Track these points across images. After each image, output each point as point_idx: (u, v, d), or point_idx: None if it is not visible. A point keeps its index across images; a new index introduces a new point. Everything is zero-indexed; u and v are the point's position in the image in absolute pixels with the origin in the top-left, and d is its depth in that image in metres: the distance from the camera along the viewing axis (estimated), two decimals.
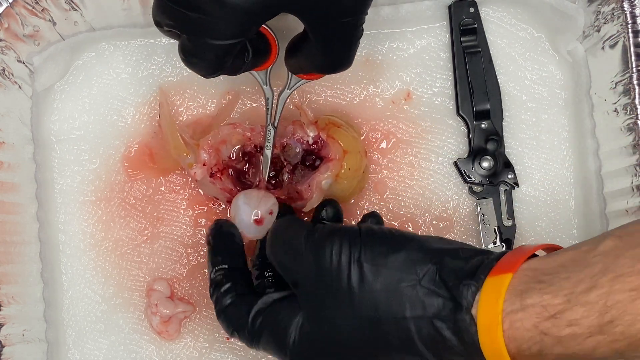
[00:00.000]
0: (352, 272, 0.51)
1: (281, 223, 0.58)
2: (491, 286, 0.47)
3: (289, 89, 0.64)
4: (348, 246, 0.51)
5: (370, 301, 0.50)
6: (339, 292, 0.51)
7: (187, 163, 0.66)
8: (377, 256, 0.51)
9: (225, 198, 0.66)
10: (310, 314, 0.53)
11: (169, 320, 0.68)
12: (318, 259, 0.52)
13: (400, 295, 0.49)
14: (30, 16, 0.64)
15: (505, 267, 0.47)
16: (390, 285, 0.50)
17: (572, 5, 0.67)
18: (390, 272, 0.50)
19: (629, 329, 0.43)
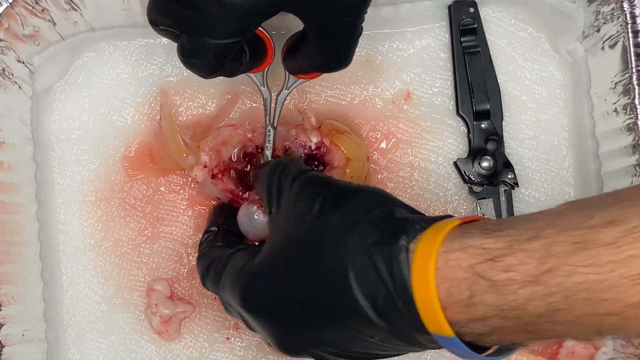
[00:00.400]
0: (316, 203, 0.51)
1: (293, 158, 0.60)
2: (435, 227, 0.46)
3: (287, 89, 0.64)
4: (322, 187, 0.52)
5: (324, 229, 0.49)
6: (304, 218, 0.51)
7: (187, 164, 0.66)
8: (342, 192, 0.51)
9: (227, 199, 0.66)
10: (274, 238, 0.53)
11: (169, 320, 0.68)
12: (298, 193, 0.53)
13: (349, 227, 0.48)
14: (30, 16, 0.64)
15: (453, 219, 0.47)
16: (344, 217, 0.49)
17: (572, 5, 0.67)
18: (349, 206, 0.50)
19: (566, 280, 0.41)
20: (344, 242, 0.48)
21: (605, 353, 0.67)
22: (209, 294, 0.69)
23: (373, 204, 0.50)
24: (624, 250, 0.40)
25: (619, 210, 0.41)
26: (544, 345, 0.68)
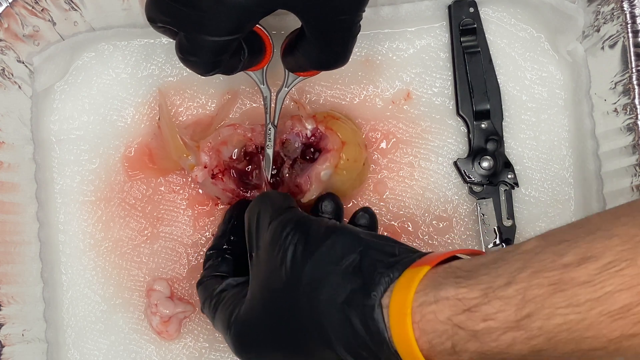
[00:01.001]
0: (288, 253, 0.52)
1: (271, 195, 0.59)
2: (406, 277, 0.46)
3: (287, 87, 0.64)
4: (296, 231, 0.52)
5: (295, 280, 0.50)
6: (277, 271, 0.52)
7: (187, 165, 0.66)
8: (312, 240, 0.51)
9: (227, 199, 0.66)
10: (255, 287, 0.54)
11: (169, 320, 0.68)
12: (273, 237, 0.53)
13: (321, 280, 0.49)
14: (30, 16, 0.64)
15: (424, 262, 0.47)
16: (315, 270, 0.50)
17: (572, 5, 0.67)
18: (319, 256, 0.50)
19: (547, 324, 0.41)
20: (317, 298, 0.49)
21: None
22: None
23: (342, 250, 0.50)
24: (600, 287, 0.40)
25: (591, 245, 0.42)
26: None
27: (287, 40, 0.60)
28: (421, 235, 0.70)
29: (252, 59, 0.60)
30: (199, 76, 0.70)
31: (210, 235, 0.69)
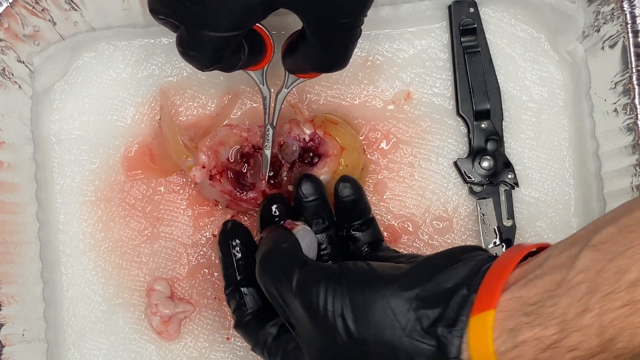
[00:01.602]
0: (339, 326, 0.50)
1: (270, 248, 0.57)
2: (476, 328, 0.46)
3: (287, 88, 0.64)
4: (332, 298, 0.51)
5: (362, 353, 0.49)
6: (334, 344, 0.50)
7: (187, 165, 0.66)
8: (359, 309, 0.50)
9: (225, 201, 0.66)
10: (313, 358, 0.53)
11: (169, 320, 0.68)
12: (308, 309, 0.51)
13: (389, 348, 0.48)
14: (30, 16, 0.64)
15: (485, 302, 0.46)
16: (377, 338, 0.49)
17: (572, 6, 0.67)
18: (375, 323, 0.49)
19: (631, 343, 0.42)
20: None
21: None
22: (209, 294, 0.69)
23: (397, 316, 0.49)
24: None
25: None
26: None
27: (288, 41, 0.60)
28: (421, 235, 0.70)
29: (252, 58, 0.60)
30: (199, 76, 0.70)
31: (210, 235, 0.69)
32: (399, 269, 0.51)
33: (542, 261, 0.47)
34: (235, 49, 0.56)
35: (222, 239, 0.62)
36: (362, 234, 0.63)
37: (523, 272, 0.47)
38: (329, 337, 0.50)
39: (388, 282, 0.50)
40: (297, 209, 0.62)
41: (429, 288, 0.49)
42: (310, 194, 0.62)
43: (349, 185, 0.63)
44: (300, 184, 0.62)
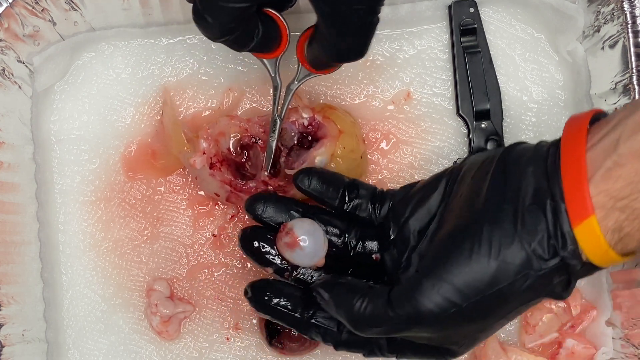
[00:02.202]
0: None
1: (353, 315, 0.55)
2: (584, 238, 0.49)
3: (298, 81, 0.63)
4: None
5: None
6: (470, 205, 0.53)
7: (187, 159, 0.66)
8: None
9: (225, 193, 0.66)
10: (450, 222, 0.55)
11: (169, 320, 0.68)
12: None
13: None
14: (30, 16, 0.64)
15: (580, 210, 0.48)
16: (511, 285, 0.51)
17: (572, 6, 0.67)
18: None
19: None
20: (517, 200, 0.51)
21: (605, 353, 0.67)
22: (209, 294, 0.69)
23: (508, 254, 0.51)
24: None
25: None
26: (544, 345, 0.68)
27: (307, 32, 0.60)
28: None
29: (265, 41, 0.59)
30: (199, 76, 0.70)
31: (210, 235, 0.69)
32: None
33: (613, 143, 0.48)
34: (249, 26, 0.55)
35: (256, 301, 0.61)
36: (361, 201, 0.62)
37: (596, 157, 0.48)
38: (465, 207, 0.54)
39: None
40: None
41: (520, 218, 0.51)
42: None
43: (314, 175, 0.62)
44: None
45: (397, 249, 0.59)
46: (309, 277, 0.62)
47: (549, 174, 0.50)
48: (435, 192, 0.58)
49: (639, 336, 0.65)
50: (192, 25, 0.69)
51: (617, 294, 0.67)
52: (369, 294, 0.54)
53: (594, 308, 0.68)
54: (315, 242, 0.60)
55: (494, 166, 0.54)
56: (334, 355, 0.69)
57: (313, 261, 0.61)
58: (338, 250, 0.62)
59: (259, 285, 0.61)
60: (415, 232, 0.58)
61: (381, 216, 0.61)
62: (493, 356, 0.67)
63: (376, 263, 0.62)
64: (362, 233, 0.62)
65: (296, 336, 0.66)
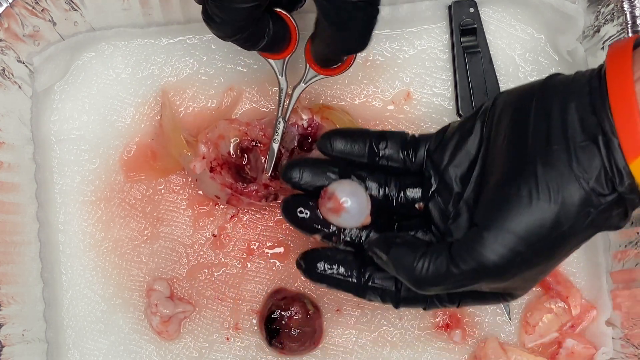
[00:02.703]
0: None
1: (402, 262, 0.54)
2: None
3: (305, 83, 0.63)
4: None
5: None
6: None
7: (187, 162, 0.66)
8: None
9: (225, 196, 0.66)
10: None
11: (169, 320, 0.68)
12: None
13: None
14: (30, 16, 0.64)
15: (636, 145, 0.48)
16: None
17: (572, 6, 0.67)
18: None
19: None
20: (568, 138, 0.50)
21: (605, 353, 0.67)
22: (209, 294, 0.69)
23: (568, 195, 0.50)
24: None
25: None
26: (544, 345, 0.68)
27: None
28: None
29: (275, 41, 0.59)
30: (199, 76, 0.70)
31: (210, 235, 0.69)
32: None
33: None
34: (259, 25, 0.55)
35: (310, 272, 0.60)
36: (392, 151, 0.61)
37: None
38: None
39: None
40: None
41: (574, 157, 0.50)
42: (302, 179, 0.60)
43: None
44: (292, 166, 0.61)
45: (442, 198, 0.58)
46: (357, 238, 0.61)
47: (596, 108, 0.50)
48: (471, 136, 0.57)
49: (639, 336, 0.65)
50: (192, 25, 0.69)
51: (617, 294, 0.67)
52: (429, 252, 0.53)
53: (594, 308, 0.68)
54: (359, 201, 0.59)
55: (533, 104, 0.53)
56: (334, 355, 0.69)
57: (359, 221, 0.60)
58: (380, 204, 0.61)
59: (311, 255, 0.60)
60: (457, 179, 0.57)
61: (417, 163, 0.60)
62: (493, 356, 0.67)
63: (422, 213, 0.60)
64: (402, 183, 0.61)
65: (296, 336, 0.66)
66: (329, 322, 0.69)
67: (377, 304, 0.69)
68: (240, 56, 0.70)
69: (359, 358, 0.69)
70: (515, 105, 0.54)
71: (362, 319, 0.69)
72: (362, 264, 0.59)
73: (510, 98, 0.55)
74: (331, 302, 0.69)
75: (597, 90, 0.50)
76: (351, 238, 0.61)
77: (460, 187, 0.57)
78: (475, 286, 0.53)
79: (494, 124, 0.55)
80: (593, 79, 0.51)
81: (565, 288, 0.68)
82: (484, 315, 0.69)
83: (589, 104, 0.50)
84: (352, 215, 0.59)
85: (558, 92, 0.52)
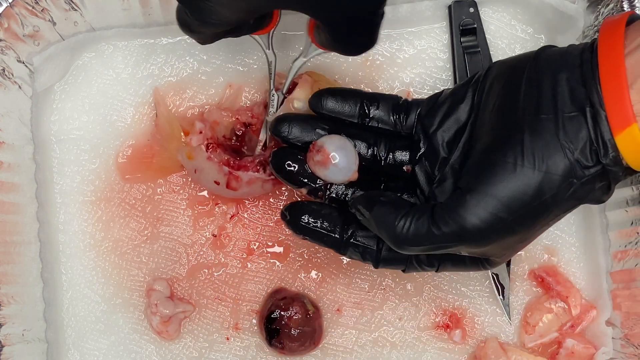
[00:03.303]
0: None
1: (393, 227, 0.54)
2: (625, 146, 0.49)
3: (305, 57, 0.63)
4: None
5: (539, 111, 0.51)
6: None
7: (184, 154, 0.66)
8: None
9: (224, 177, 0.65)
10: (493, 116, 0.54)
11: (169, 320, 0.68)
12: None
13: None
14: (30, 16, 0.64)
15: (621, 118, 0.48)
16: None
17: (572, 6, 0.67)
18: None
19: None
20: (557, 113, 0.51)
21: (605, 353, 0.67)
22: (209, 294, 0.69)
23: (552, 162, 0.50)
24: None
25: None
26: (544, 345, 0.68)
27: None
28: None
29: (259, 22, 0.59)
30: (199, 76, 0.70)
31: (210, 235, 0.69)
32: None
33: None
34: (242, 24, 0.55)
35: (294, 224, 0.61)
36: (382, 113, 0.61)
37: (635, 63, 0.49)
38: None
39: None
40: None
41: (561, 127, 0.50)
42: (289, 134, 0.61)
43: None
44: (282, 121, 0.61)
45: (429, 161, 0.59)
46: (342, 195, 0.61)
47: (586, 81, 0.50)
48: (463, 103, 0.57)
49: (639, 336, 0.65)
50: None
51: (617, 294, 0.67)
52: (412, 212, 0.54)
53: (594, 308, 0.68)
54: (347, 156, 0.59)
55: (525, 74, 0.53)
56: (334, 355, 0.69)
57: (347, 176, 0.60)
58: (368, 163, 0.61)
59: (296, 207, 0.61)
60: (444, 144, 0.58)
61: (407, 126, 0.61)
62: (493, 356, 0.67)
63: (408, 176, 0.61)
64: (391, 144, 0.61)
65: (296, 336, 0.66)
66: (328, 322, 0.69)
67: (377, 304, 0.69)
68: (240, 56, 0.70)
69: (359, 358, 0.69)
70: (508, 74, 0.54)
71: (362, 319, 0.69)
72: (346, 220, 0.60)
73: (503, 68, 0.56)
74: (331, 302, 0.69)
75: (588, 62, 0.51)
76: (337, 194, 0.62)
77: (447, 152, 0.57)
78: (455, 249, 0.53)
79: (484, 92, 0.55)
80: (585, 51, 0.52)
81: (565, 288, 0.68)
82: (484, 315, 0.69)
83: (580, 76, 0.50)
84: (340, 169, 0.59)
85: (550, 63, 0.52)
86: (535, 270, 0.69)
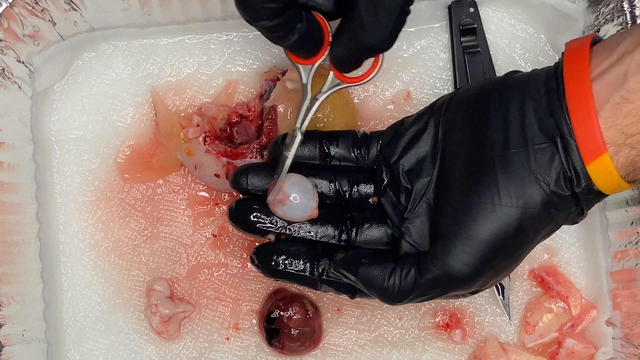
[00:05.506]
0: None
1: (380, 285, 0.55)
2: (598, 174, 0.49)
3: (324, 92, 0.60)
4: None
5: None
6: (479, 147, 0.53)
7: (184, 150, 0.66)
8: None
9: (224, 169, 0.65)
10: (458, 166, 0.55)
11: (168, 320, 0.68)
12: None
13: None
14: (30, 16, 0.64)
15: (592, 148, 0.48)
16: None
17: (572, 6, 0.67)
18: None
19: None
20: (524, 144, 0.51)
21: (605, 353, 0.67)
22: (209, 294, 0.69)
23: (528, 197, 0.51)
24: None
25: None
26: (544, 345, 0.68)
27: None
28: None
29: (306, 41, 0.55)
30: (199, 76, 0.70)
31: (210, 235, 0.69)
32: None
33: (620, 77, 0.48)
34: (290, 16, 0.52)
35: (264, 268, 0.61)
36: (343, 150, 0.61)
37: (601, 89, 0.48)
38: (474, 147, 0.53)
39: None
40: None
41: (532, 159, 0.50)
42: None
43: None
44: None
45: (394, 192, 0.58)
46: (308, 233, 0.61)
47: (553, 110, 0.50)
48: (425, 133, 0.57)
49: (639, 336, 0.65)
50: (191, 25, 0.69)
51: (617, 293, 0.67)
52: (398, 268, 0.54)
53: (594, 308, 0.68)
54: (304, 192, 0.60)
55: (492, 106, 0.53)
56: (334, 355, 0.69)
57: (306, 212, 0.60)
58: (332, 200, 0.61)
59: (263, 250, 0.61)
60: (404, 173, 0.58)
61: (370, 160, 0.61)
62: (493, 356, 0.67)
63: (376, 207, 0.61)
64: (354, 178, 0.61)
65: (296, 336, 0.66)
66: (328, 322, 0.69)
67: (377, 304, 0.69)
68: (240, 56, 0.70)
69: (359, 358, 0.69)
70: (473, 104, 0.54)
71: (362, 319, 0.69)
72: (315, 256, 0.60)
73: (467, 97, 0.55)
74: (331, 302, 0.69)
75: (554, 91, 0.50)
76: (303, 234, 0.61)
77: (408, 182, 0.57)
78: (446, 296, 0.54)
79: (450, 122, 0.55)
80: (550, 78, 0.51)
81: (565, 288, 0.68)
82: (484, 315, 0.69)
83: (546, 105, 0.50)
84: (298, 206, 0.59)
85: (515, 92, 0.52)
86: (535, 270, 0.69)
